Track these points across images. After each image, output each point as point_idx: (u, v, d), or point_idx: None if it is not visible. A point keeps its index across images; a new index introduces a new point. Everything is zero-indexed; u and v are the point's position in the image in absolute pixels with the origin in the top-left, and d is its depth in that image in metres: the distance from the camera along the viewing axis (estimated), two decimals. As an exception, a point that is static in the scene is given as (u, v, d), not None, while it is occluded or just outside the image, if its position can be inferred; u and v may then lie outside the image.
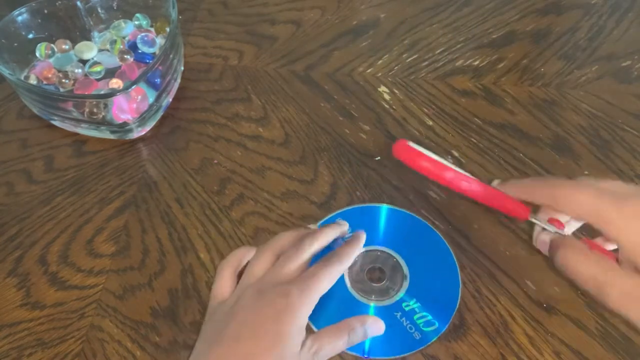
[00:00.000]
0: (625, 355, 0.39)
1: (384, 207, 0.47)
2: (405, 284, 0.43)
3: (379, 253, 0.45)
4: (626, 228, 0.31)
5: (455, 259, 0.44)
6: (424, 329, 0.40)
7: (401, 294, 0.42)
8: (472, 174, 0.50)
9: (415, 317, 0.41)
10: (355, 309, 0.41)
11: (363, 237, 0.42)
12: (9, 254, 0.47)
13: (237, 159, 0.53)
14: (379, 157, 0.52)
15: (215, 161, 0.53)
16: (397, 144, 0.41)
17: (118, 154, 0.54)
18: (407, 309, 0.41)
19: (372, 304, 0.42)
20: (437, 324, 0.40)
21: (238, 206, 0.49)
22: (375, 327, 0.38)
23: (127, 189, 0.51)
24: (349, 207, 0.48)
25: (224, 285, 0.38)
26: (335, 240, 0.42)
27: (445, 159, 0.41)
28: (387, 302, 0.42)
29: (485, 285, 0.43)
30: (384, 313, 0.41)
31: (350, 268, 0.44)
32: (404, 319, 0.41)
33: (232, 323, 0.35)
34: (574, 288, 0.42)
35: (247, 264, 0.40)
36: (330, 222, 0.46)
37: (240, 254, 0.41)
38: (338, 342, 0.36)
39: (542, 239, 0.36)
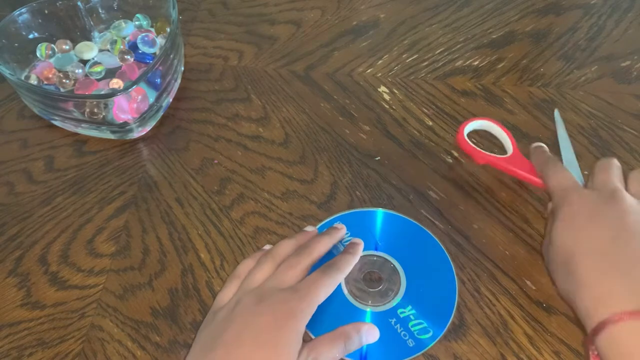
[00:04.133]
0: (624, 355, 0.39)
1: (380, 212, 0.47)
2: (402, 289, 0.42)
3: (375, 258, 0.44)
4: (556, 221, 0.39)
5: (452, 264, 0.43)
6: (419, 336, 0.40)
7: (398, 299, 0.42)
8: (472, 174, 0.50)
9: (410, 324, 0.40)
10: (351, 314, 0.41)
11: (361, 245, 0.42)
12: (9, 253, 0.47)
13: (237, 159, 0.53)
14: (378, 157, 0.52)
15: (216, 161, 0.53)
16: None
17: (118, 154, 0.54)
18: (402, 315, 0.41)
19: (368, 309, 0.41)
20: (432, 332, 0.40)
21: (238, 206, 0.49)
22: (371, 334, 0.39)
23: (128, 188, 0.51)
24: (346, 212, 0.47)
25: (228, 293, 0.39)
26: (334, 245, 0.42)
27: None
28: (383, 307, 0.41)
29: (484, 285, 0.43)
30: (380, 319, 0.41)
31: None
32: (398, 325, 0.40)
33: (232, 327, 0.35)
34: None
35: None
36: (329, 225, 0.46)
37: (247, 265, 0.41)
38: (335, 351, 0.36)
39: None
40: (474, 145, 0.49)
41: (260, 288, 0.37)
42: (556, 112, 0.51)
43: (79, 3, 0.60)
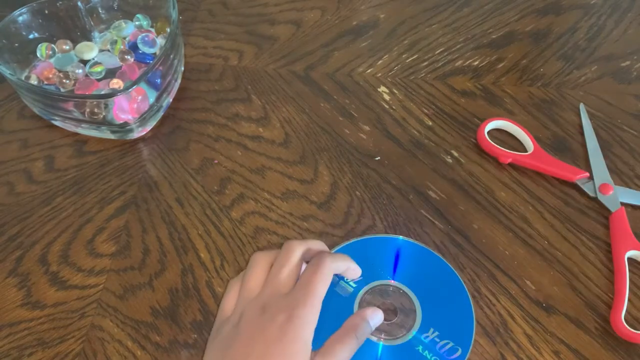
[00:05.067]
0: (624, 355, 0.39)
1: (400, 240, 0.45)
2: (418, 322, 0.40)
3: (391, 288, 0.42)
4: None
5: (466, 289, 0.42)
6: (449, 357, 0.38)
7: (413, 332, 0.40)
8: (471, 174, 0.50)
9: (438, 346, 0.39)
10: (363, 348, 0.38)
11: (358, 270, 0.41)
12: (9, 253, 0.47)
13: (237, 159, 0.53)
14: (378, 157, 0.52)
15: (216, 161, 0.53)
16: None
17: (118, 154, 0.54)
18: (426, 340, 0.39)
19: (380, 342, 0.39)
20: (460, 350, 0.39)
21: (238, 206, 0.49)
22: (376, 315, 0.38)
23: (128, 188, 0.51)
24: (362, 238, 0.45)
25: (230, 301, 0.38)
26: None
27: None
28: (398, 341, 0.40)
29: (484, 285, 0.43)
30: (398, 351, 0.39)
31: (360, 304, 0.42)
32: (426, 352, 0.39)
33: (238, 342, 0.34)
34: (573, 287, 0.42)
35: None
36: (343, 251, 0.44)
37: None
38: (347, 347, 0.36)
39: None
40: (497, 146, 0.51)
41: (260, 297, 0.36)
42: (581, 105, 0.54)
43: (79, 3, 0.60)
